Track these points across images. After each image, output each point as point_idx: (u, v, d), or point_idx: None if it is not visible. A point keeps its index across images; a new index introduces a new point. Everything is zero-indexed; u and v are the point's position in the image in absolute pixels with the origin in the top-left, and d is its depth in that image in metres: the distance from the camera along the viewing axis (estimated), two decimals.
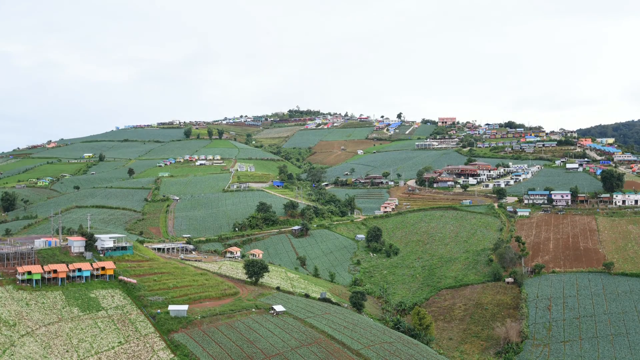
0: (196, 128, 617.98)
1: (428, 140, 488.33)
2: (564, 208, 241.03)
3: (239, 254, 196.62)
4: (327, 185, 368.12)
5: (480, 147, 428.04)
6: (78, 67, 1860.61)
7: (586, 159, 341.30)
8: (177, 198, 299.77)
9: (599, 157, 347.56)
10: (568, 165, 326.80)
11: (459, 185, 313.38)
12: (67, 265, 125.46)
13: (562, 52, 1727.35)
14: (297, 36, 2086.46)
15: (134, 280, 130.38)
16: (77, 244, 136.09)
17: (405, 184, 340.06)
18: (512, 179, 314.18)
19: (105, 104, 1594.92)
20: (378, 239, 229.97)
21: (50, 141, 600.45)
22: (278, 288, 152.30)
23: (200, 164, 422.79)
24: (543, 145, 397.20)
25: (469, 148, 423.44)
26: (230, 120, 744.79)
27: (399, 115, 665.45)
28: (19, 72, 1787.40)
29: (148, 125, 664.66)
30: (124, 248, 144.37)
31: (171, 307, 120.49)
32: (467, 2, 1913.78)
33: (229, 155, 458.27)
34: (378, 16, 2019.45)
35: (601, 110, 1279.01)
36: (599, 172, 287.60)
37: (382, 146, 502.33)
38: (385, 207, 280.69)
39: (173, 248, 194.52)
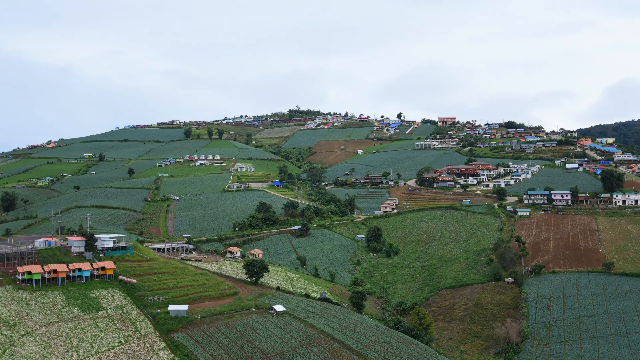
0: (196, 128, 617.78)
1: (428, 140, 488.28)
2: (564, 208, 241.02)
3: (239, 254, 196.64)
4: (327, 185, 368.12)
5: (480, 147, 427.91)
6: None
7: (586, 159, 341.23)
8: (177, 198, 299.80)
9: (599, 157, 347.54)
10: (568, 165, 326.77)
11: (459, 185, 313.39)
12: (67, 265, 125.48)
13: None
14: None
15: (134, 280, 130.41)
16: (77, 244, 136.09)
17: (405, 184, 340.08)
18: (512, 178, 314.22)
19: None
20: (378, 238, 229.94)
21: (50, 141, 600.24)
22: (278, 288, 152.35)
23: (200, 164, 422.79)
24: (543, 145, 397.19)
25: (469, 148, 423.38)
26: (230, 120, 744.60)
27: (399, 115, 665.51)
28: None
29: (148, 125, 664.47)
30: (124, 248, 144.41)
31: (171, 307, 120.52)
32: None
33: (229, 155, 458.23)
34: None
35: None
36: (599, 172, 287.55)
37: (382, 146, 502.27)
38: (385, 207, 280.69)
39: (173, 248, 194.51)
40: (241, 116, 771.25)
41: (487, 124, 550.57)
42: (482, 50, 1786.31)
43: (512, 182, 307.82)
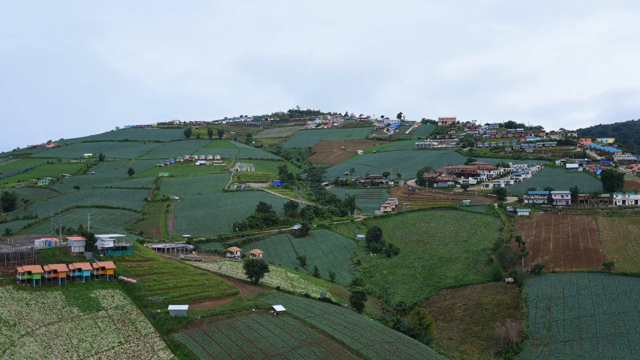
0: (196, 128, 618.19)
1: (428, 140, 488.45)
2: (564, 208, 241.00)
3: (239, 254, 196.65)
4: (327, 185, 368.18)
5: (480, 147, 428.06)
6: None
7: (586, 159, 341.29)
8: (177, 198, 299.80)
9: (599, 157, 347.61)
10: (568, 165, 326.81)
11: (459, 185, 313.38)
12: (67, 265, 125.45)
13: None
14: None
15: (134, 280, 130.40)
16: (77, 244, 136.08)
17: (405, 184, 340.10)
18: (512, 178, 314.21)
19: None
20: (378, 238, 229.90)
21: (50, 141, 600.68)
22: (278, 288, 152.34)
23: (200, 164, 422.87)
24: (543, 145, 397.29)
25: (469, 148, 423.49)
26: (230, 120, 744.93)
27: (399, 115, 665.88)
28: None
29: (148, 125, 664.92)
30: (124, 248, 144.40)
31: (171, 307, 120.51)
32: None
33: (229, 155, 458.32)
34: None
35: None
36: (599, 172, 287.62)
37: (382, 146, 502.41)
38: (385, 207, 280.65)
39: (173, 248, 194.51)
40: (241, 116, 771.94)
41: (487, 124, 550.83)
42: (550, 58, 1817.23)
43: (512, 182, 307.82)
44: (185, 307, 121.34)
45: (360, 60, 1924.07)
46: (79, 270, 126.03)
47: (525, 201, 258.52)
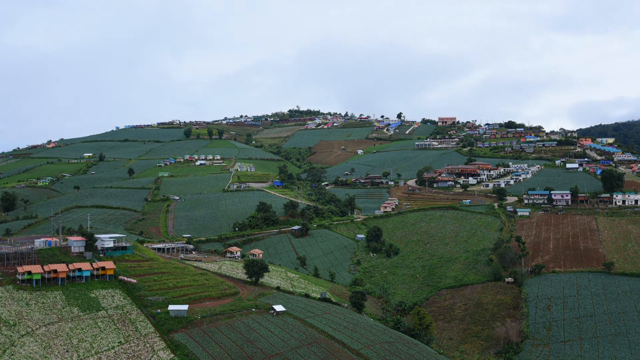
0: (196, 128, 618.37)
1: (428, 140, 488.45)
2: (564, 208, 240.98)
3: (239, 254, 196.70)
4: (327, 185, 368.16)
5: (480, 147, 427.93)
6: None
7: (586, 159, 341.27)
8: (177, 198, 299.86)
9: (599, 157, 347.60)
10: (568, 165, 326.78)
11: (459, 185, 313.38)
12: (67, 265, 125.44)
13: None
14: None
15: (134, 280, 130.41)
16: (77, 244, 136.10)
17: (405, 184, 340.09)
18: (512, 178, 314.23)
19: None
20: (378, 238, 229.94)
21: (50, 141, 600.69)
22: (278, 288, 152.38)
23: (200, 164, 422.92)
24: (543, 145, 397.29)
25: (469, 148, 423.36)
26: (230, 120, 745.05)
27: (399, 115, 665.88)
28: None
29: (148, 125, 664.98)
30: (124, 248, 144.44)
31: (171, 307, 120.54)
32: None
33: (229, 155, 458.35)
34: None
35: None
36: (599, 172, 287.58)
37: (382, 146, 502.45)
38: (385, 207, 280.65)
39: (173, 248, 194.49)
40: (241, 116, 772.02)
41: (487, 124, 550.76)
42: (604, 63, 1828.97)
43: (512, 182, 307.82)
44: (185, 307, 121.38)
45: (422, 62, 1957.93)
46: (79, 270, 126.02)
47: (525, 201, 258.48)
